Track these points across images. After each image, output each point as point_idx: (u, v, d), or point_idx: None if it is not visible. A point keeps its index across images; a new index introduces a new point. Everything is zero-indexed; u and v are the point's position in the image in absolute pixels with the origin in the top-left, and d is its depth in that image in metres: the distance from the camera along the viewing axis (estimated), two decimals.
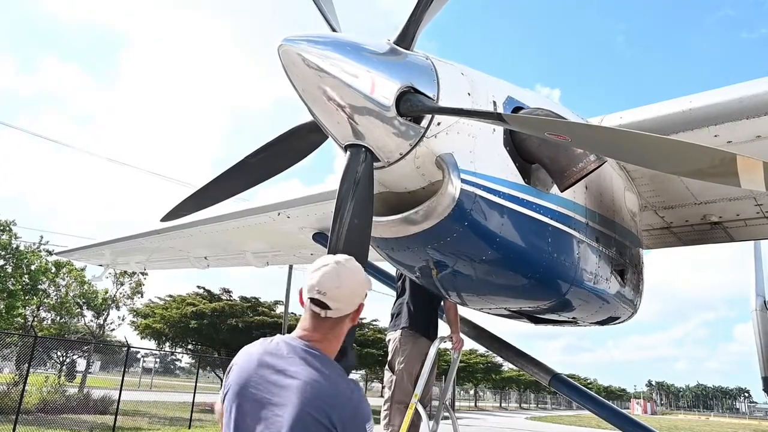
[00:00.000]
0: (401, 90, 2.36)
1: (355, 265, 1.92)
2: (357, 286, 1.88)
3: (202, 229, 6.83)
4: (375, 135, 2.39)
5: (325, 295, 1.80)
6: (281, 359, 1.78)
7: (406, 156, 2.49)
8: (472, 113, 2.36)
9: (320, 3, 2.58)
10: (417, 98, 2.39)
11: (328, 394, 1.69)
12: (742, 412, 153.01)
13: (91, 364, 30.21)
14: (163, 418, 19.91)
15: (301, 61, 2.24)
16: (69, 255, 10.39)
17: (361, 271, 1.93)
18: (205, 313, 25.95)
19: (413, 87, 2.40)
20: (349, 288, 1.85)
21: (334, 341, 1.88)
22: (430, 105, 2.40)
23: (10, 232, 19.20)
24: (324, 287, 1.81)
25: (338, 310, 1.83)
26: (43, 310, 23.25)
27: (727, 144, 3.38)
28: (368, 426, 1.72)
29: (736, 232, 4.64)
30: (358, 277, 1.90)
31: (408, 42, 2.49)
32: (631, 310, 4.15)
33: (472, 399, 65.14)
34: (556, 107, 3.11)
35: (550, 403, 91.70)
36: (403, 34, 2.48)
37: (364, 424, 1.70)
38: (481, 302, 3.46)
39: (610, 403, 4.36)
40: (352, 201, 2.31)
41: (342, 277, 1.84)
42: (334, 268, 1.84)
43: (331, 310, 1.82)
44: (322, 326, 1.85)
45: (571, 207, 3.16)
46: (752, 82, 3.21)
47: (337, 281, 1.82)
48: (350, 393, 1.74)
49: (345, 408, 1.69)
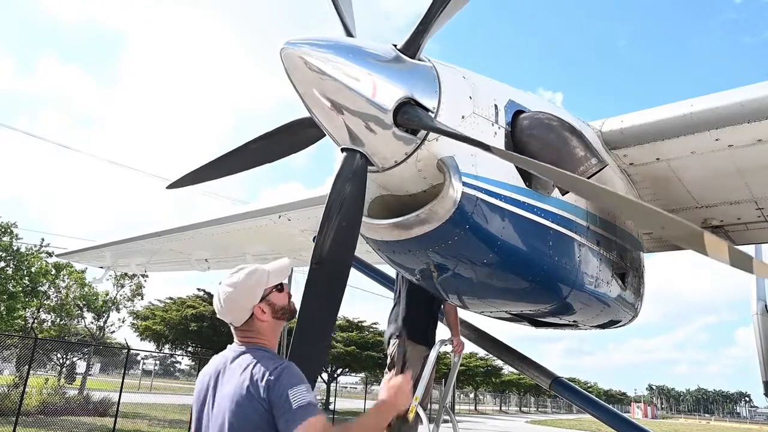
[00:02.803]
0: (401, 101, 2.37)
1: (233, 281, 2.15)
2: (240, 297, 2.14)
3: (203, 232, 6.83)
4: (371, 141, 2.42)
5: (219, 314, 2.20)
6: (227, 362, 2.14)
7: (407, 160, 2.50)
8: (464, 138, 2.34)
9: (339, 6, 2.59)
10: (415, 112, 2.39)
11: (256, 373, 1.98)
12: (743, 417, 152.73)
13: (91, 366, 30.17)
14: (162, 420, 19.88)
15: (303, 64, 2.25)
16: (69, 257, 10.39)
17: (241, 283, 2.15)
18: (205, 316, 25.92)
19: (413, 99, 2.41)
20: (230, 303, 2.15)
21: (260, 336, 2.17)
22: (426, 121, 2.39)
23: (11, 234, 19.21)
24: (217, 309, 2.20)
25: (236, 319, 2.16)
26: (43, 312, 23.25)
27: (728, 147, 3.38)
28: (291, 391, 1.91)
29: (737, 236, 4.64)
30: (238, 290, 2.14)
31: (414, 50, 2.49)
32: (631, 313, 4.14)
33: (472, 402, 65.02)
34: (557, 110, 3.11)
35: (551, 407, 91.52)
36: (410, 42, 2.48)
37: (286, 389, 1.91)
38: (482, 305, 3.46)
39: (610, 407, 4.35)
40: (341, 204, 2.38)
41: (222, 297, 2.15)
42: (216, 292, 2.19)
43: (231, 321, 2.18)
44: (240, 332, 2.19)
45: (572, 210, 3.16)
46: (753, 86, 3.21)
47: (219, 302, 2.17)
48: (273, 367, 1.99)
49: (268, 379, 1.95)
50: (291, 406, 1.88)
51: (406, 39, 2.49)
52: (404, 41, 2.49)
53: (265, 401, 1.92)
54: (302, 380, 1.97)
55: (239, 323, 2.16)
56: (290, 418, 1.87)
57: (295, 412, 1.87)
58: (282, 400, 1.90)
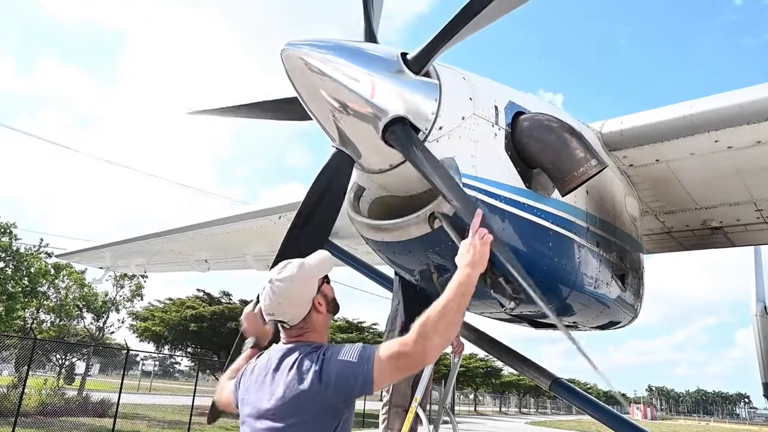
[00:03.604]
0: (392, 118, 2.35)
1: (287, 275, 2.01)
2: (298, 290, 2.01)
3: (203, 232, 6.84)
4: (362, 147, 2.49)
5: (274, 315, 2.03)
6: (271, 361, 2.02)
7: (406, 162, 2.50)
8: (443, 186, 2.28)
9: (369, 9, 2.61)
10: (402, 133, 2.35)
11: (309, 356, 1.91)
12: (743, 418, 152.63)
13: (91, 366, 30.17)
14: (162, 421, 19.86)
15: (304, 65, 2.26)
16: (69, 257, 10.39)
17: (297, 275, 2.02)
18: (204, 316, 25.92)
19: (406, 118, 2.38)
20: (289, 298, 2.00)
21: (314, 333, 2.05)
22: (406, 147, 2.33)
23: (11, 235, 19.19)
24: (269, 309, 2.02)
25: (296, 316, 2.01)
26: (42, 313, 23.23)
27: (727, 149, 3.39)
28: (341, 356, 1.86)
29: (736, 237, 4.64)
30: (296, 282, 2.01)
31: (419, 68, 2.47)
32: (631, 314, 4.14)
33: (471, 403, 64.96)
34: (557, 112, 3.11)
35: (550, 408, 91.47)
36: (418, 58, 2.46)
37: (337, 352, 1.88)
38: (481, 306, 3.46)
39: (610, 408, 4.34)
40: (321, 197, 2.56)
41: (278, 294, 1.99)
42: (269, 290, 2.01)
43: (290, 320, 2.02)
44: (295, 330, 2.04)
45: (572, 211, 3.17)
46: (753, 88, 3.22)
47: (275, 299, 2.00)
48: (324, 347, 1.95)
49: (323, 354, 1.90)
50: (354, 365, 1.82)
51: (415, 54, 2.47)
52: (413, 55, 2.46)
53: (323, 389, 1.83)
54: (344, 345, 1.92)
55: (298, 319, 2.02)
56: (359, 372, 1.81)
57: (358, 365, 1.82)
58: (341, 371, 1.83)
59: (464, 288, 1.94)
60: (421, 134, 2.47)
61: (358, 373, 1.82)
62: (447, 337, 1.86)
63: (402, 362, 1.82)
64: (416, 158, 2.30)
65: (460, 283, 1.94)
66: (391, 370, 1.83)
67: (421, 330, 1.83)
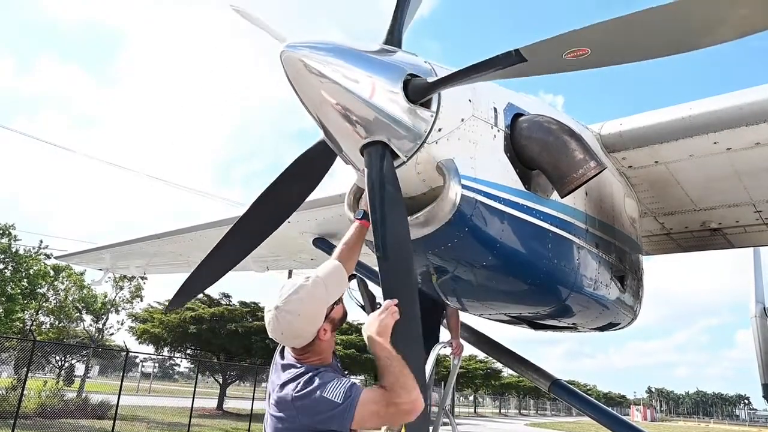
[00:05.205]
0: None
1: (293, 308, 1.98)
2: (303, 325, 2.00)
3: (203, 234, 6.83)
4: (351, 153, 2.51)
5: (282, 340, 2.06)
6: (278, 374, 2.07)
7: (406, 162, 2.50)
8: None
9: (399, 14, 2.64)
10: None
11: (296, 382, 1.95)
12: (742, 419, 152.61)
13: (90, 368, 30.12)
14: (161, 423, 19.84)
15: (303, 67, 2.26)
16: (68, 259, 10.38)
17: (304, 309, 1.99)
18: (204, 318, 25.90)
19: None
20: (293, 331, 2.00)
21: (315, 356, 2.07)
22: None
23: (10, 236, 19.19)
24: (276, 336, 2.03)
25: (303, 339, 2.02)
26: (41, 314, 23.23)
27: (726, 151, 3.39)
28: (322, 393, 1.87)
29: (735, 239, 4.65)
30: (302, 317, 1.99)
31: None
32: (630, 316, 4.14)
33: (471, 405, 64.90)
34: (556, 113, 3.12)
35: (550, 410, 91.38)
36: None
37: (317, 398, 1.88)
38: (481, 308, 3.46)
39: (610, 410, 4.35)
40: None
41: (282, 324, 1.98)
42: (273, 317, 1.99)
43: (297, 342, 2.03)
44: (298, 351, 2.07)
45: (571, 213, 3.17)
46: (752, 90, 3.22)
47: (278, 329, 2.00)
48: (316, 376, 1.94)
49: (296, 404, 1.91)
50: (330, 407, 1.84)
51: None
52: (416, 84, 2.44)
53: (303, 425, 1.89)
54: (329, 378, 1.93)
55: (300, 346, 2.05)
56: (336, 416, 1.84)
57: (336, 412, 1.84)
58: (319, 408, 1.87)
59: (386, 353, 1.94)
60: (421, 135, 2.47)
61: (336, 415, 1.85)
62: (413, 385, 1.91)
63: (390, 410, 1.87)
64: (371, 183, 2.32)
65: (379, 353, 1.96)
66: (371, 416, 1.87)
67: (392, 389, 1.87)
